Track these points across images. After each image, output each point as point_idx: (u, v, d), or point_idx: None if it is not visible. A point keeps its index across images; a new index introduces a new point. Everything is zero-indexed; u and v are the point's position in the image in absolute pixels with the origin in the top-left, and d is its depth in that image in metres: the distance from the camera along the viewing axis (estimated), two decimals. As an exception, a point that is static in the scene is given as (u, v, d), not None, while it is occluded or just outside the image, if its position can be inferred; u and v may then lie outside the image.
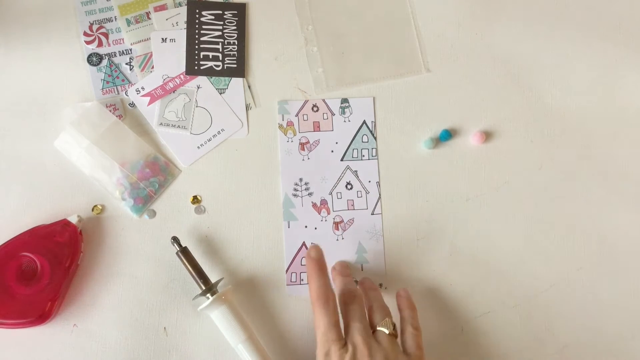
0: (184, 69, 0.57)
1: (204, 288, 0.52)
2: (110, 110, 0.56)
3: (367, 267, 0.56)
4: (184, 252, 0.53)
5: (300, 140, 0.57)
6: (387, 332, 0.48)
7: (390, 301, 0.52)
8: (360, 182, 0.57)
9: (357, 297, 0.50)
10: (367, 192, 0.57)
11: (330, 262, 0.55)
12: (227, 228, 0.56)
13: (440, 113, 0.58)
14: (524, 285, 0.55)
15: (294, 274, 0.55)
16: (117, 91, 0.57)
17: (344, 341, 0.48)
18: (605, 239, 0.57)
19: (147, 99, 0.57)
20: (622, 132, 0.58)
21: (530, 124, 0.58)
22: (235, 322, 0.51)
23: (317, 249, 0.51)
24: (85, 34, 0.58)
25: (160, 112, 0.57)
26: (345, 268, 0.54)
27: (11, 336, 0.53)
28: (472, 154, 0.57)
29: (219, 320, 0.52)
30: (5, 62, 0.57)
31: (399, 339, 0.49)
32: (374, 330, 0.49)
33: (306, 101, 0.58)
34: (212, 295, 0.51)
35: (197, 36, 0.58)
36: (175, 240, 0.53)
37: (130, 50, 0.58)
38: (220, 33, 0.58)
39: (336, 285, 0.52)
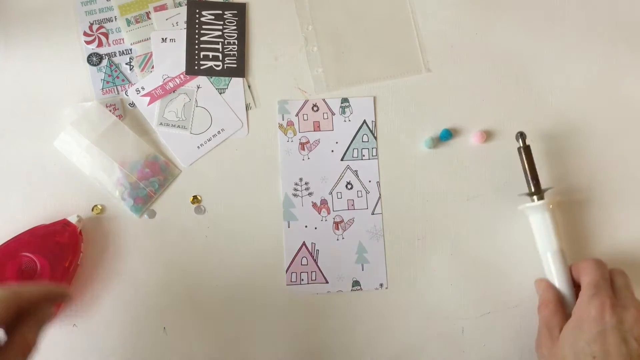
0: (184, 69, 0.57)
1: (533, 190, 0.53)
2: (110, 110, 0.56)
3: (367, 267, 0.56)
4: (527, 150, 0.54)
5: (300, 140, 0.57)
6: None
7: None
8: (360, 182, 0.57)
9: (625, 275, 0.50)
10: (367, 192, 0.57)
11: (329, 262, 0.55)
12: (227, 228, 0.56)
13: (440, 113, 0.58)
14: (524, 285, 0.55)
15: (294, 274, 0.55)
16: (117, 91, 0.57)
17: (616, 302, 0.47)
18: (605, 238, 0.56)
19: (147, 98, 0.57)
20: (623, 132, 0.58)
21: (530, 124, 0.58)
22: (553, 232, 0.53)
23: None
24: (85, 34, 0.58)
25: (160, 112, 0.57)
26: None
27: (11, 336, 0.53)
28: (472, 154, 0.57)
29: (537, 224, 0.53)
30: (6, 62, 0.57)
31: None
32: None
33: (306, 101, 0.58)
34: (539, 199, 0.53)
35: (197, 36, 0.58)
36: (521, 135, 0.54)
37: (130, 50, 0.58)
38: (220, 33, 0.58)
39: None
